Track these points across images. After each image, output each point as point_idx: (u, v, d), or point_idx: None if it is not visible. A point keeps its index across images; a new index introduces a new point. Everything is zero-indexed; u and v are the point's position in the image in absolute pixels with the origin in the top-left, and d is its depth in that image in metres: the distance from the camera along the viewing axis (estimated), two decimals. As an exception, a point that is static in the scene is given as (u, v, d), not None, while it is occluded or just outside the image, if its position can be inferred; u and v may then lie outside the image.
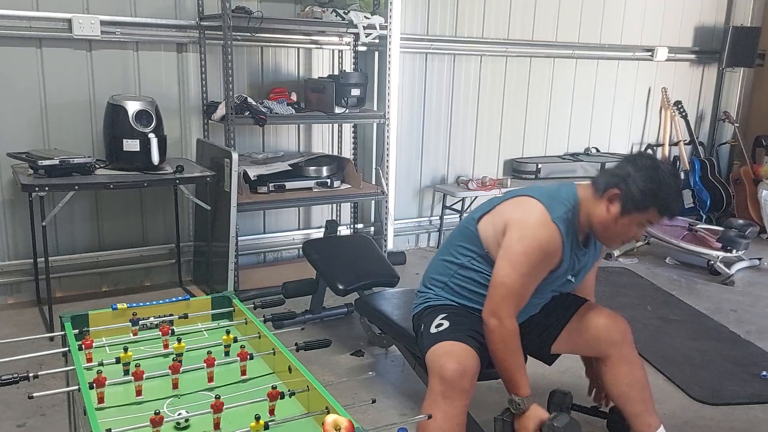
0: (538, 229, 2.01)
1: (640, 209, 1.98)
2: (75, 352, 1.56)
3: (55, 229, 3.67)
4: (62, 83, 3.55)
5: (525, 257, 2.00)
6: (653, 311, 3.83)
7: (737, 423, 2.69)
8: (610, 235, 2.08)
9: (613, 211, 2.00)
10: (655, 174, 1.96)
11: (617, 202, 1.99)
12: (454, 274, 2.22)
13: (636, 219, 2.00)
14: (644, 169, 1.98)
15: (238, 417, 1.36)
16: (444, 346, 2.05)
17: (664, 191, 1.96)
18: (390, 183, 4.23)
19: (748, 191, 5.69)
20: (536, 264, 2.01)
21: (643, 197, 1.96)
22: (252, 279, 3.97)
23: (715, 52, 5.92)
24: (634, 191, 1.96)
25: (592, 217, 2.06)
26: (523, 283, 2.02)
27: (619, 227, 2.02)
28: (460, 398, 1.97)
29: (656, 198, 1.96)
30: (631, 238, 2.11)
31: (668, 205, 1.99)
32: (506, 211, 2.11)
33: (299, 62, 4.20)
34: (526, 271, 2.00)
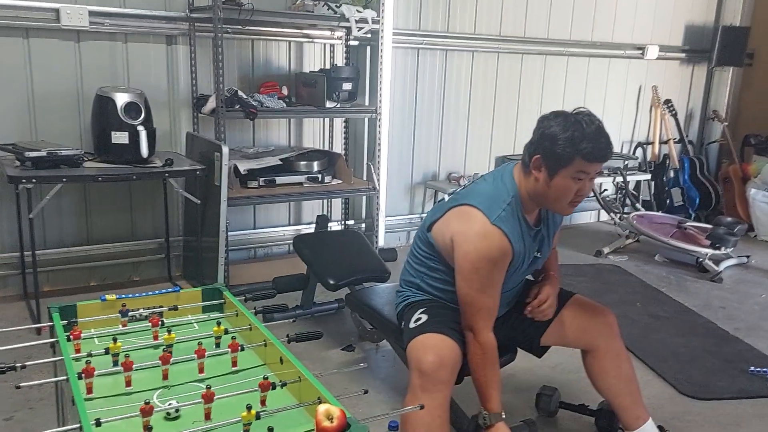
0: (480, 241, 1.98)
1: (565, 164, 1.92)
2: (63, 343, 1.54)
3: (43, 222, 3.63)
4: (50, 74, 3.51)
5: (475, 273, 2.00)
6: (643, 308, 3.85)
7: (725, 417, 2.71)
8: (552, 202, 2.02)
9: (542, 177, 1.97)
10: (566, 123, 1.92)
11: (543, 166, 1.96)
12: (424, 276, 2.24)
13: (567, 174, 1.93)
14: (556, 123, 1.93)
15: (229, 407, 1.35)
16: (422, 339, 2.06)
17: (580, 137, 1.89)
18: (381, 179, 4.22)
19: (736, 189, 5.72)
20: (488, 274, 2.00)
21: (564, 149, 1.90)
22: (242, 274, 3.95)
23: (705, 51, 5.95)
24: (553, 148, 1.91)
25: (531, 192, 2.03)
26: (484, 296, 2.03)
27: (556, 190, 1.97)
28: (439, 390, 1.97)
29: (577, 147, 1.90)
30: (574, 195, 2.00)
31: (591, 149, 1.90)
32: (451, 223, 2.08)
33: (290, 56, 4.18)
34: (481, 284, 2.01)
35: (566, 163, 1.92)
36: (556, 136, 1.91)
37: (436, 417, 1.95)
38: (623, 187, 5.43)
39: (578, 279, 4.27)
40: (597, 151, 1.92)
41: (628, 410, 2.32)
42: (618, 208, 5.30)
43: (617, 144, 5.82)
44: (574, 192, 1.97)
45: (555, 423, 2.61)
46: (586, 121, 1.92)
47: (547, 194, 1.99)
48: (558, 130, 1.91)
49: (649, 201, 5.74)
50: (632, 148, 5.89)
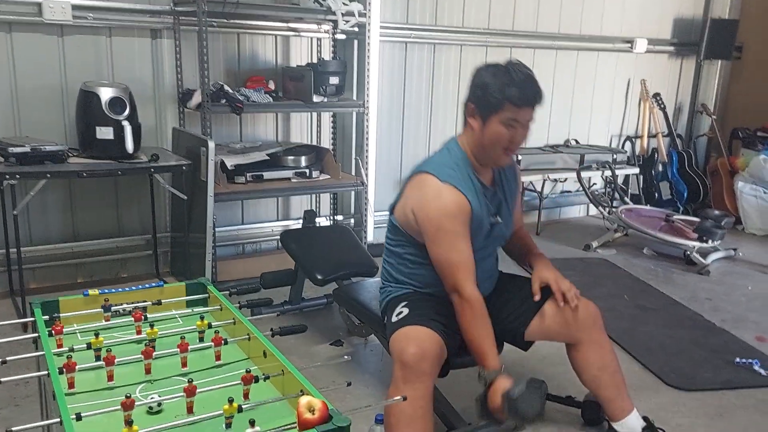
0: (435, 200, 2.06)
1: (496, 109, 2.01)
2: (44, 338, 1.53)
3: (28, 218, 3.60)
4: (33, 69, 3.48)
5: (439, 232, 2.06)
6: (630, 300, 3.86)
7: (710, 408, 2.72)
8: (487, 149, 2.09)
9: (477, 125, 2.07)
10: (498, 71, 2.01)
11: (477, 114, 2.06)
12: (397, 265, 2.29)
13: (498, 120, 2.02)
14: (487, 72, 2.03)
15: (211, 401, 1.34)
16: (404, 331, 2.07)
17: (509, 81, 1.98)
18: (370, 174, 4.21)
19: (724, 183, 5.75)
20: (452, 229, 2.05)
21: (493, 95, 1.99)
22: (230, 270, 3.93)
23: (694, 44, 5.97)
24: (483, 96, 2.01)
25: (471, 146, 2.13)
26: (456, 252, 2.06)
27: (489, 136, 2.05)
28: (421, 381, 1.98)
29: (504, 91, 1.98)
30: (507, 143, 2.07)
31: (519, 95, 1.99)
32: (409, 196, 2.16)
33: (277, 50, 4.16)
34: (448, 242, 2.06)
35: (497, 108, 2.01)
36: (486, 84, 2.01)
37: (417, 408, 1.96)
38: (612, 181, 5.45)
39: (567, 273, 4.21)
40: (525, 96, 2.00)
41: (612, 402, 2.33)
42: (607, 202, 5.31)
43: (606, 137, 5.84)
44: (507, 139, 2.05)
45: (542, 415, 2.61)
46: (515, 70, 2.01)
47: (482, 142, 2.08)
48: (489, 78, 2.02)
49: (638, 195, 5.76)
50: (621, 141, 5.90)
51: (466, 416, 2.45)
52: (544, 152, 5.23)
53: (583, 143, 5.62)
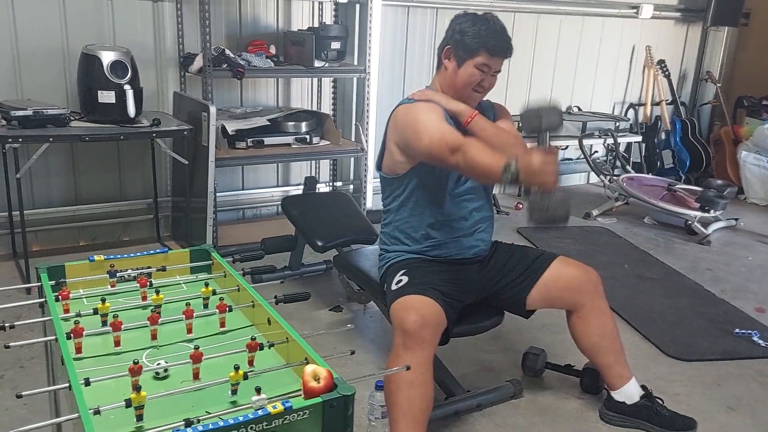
0: (408, 109, 2.20)
1: (472, 54, 2.16)
2: (52, 303, 1.54)
3: (31, 182, 3.60)
4: (35, 32, 3.44)
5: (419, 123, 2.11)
6: (630, 269, 3.88)
7: (708, 378, 2.76)
8: (459, 89, 2.22)
9: (451, 66, 2.21)
10: (476, 20, 2.16)
11: (453, 56, 2.20)
12: (393, 222, 2.34)
13: (471, 63, 2.17)
14: (466, 20, 2.18)
15: (217, 368, 1.36)
16: (404, 300, 2.10)
17: (486, 31, 2.14)
18: (370, 140, 4.19)
19: (727, 152, 5.73)
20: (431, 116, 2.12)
21: (471, 41, 2.14)
22: (231, 235, 3.95)
23: (701, 10, 5.89)
24: (461, 40, 2.16)
25: (443, 85, 2.26)
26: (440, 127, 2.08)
27: (462, 77, 2.19)
28: (421, 349, 2.01)
29: (482, 39, 2.14)
30: (477, 85, 2.20)
31: (494, 45, 2.15)
32: (390, 135, 2.29)
33: (278, 14, 4.10)
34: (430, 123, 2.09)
35: (473, 53, 2.16)
36: (465, 30, 2.16)
37: (418, 374, 1.99)
38: (614, 149, 5.43)
39: (567, 241, 4.30)
40: (500, 45, 2.16)
41: (611, 369, 2.36)
42: (608, 170, 5.30)
43: (609, 105, 5.80)
44: (478, 81, 2.20)
45: (541, 383, 2.65)
46: (492, 21, 2.18)
47: (454, 81, 2.21)
48: (467, 26, 2.16)
49: (640, 163, 5.74)
50: (624, 109, 5.87)
51: (465, 384, 2.49)
52: (547, 120, 5.19)
53: (586, 110, 5.59)
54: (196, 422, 1.12)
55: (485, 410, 2.43)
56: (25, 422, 1.12)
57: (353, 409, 1.20)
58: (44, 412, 1.92)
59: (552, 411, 2.48)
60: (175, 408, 1.24)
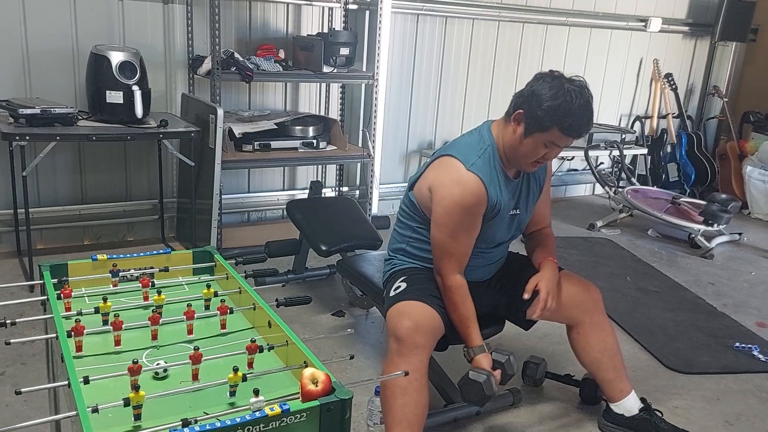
0: (453, 186, 2.04)
1: (543, 129, 1.97)
2: (53, 301, 1.55)
3: (37, 180, 3.62)
4: (45, 31, 3.47)
5: (447, 218, 2.06)
6: (633, 282, 3.87)
7: (707, 392, 2.75)
8: (519, 157, 2.07)
9: (518, 131, 2.02)
10: (559, 92, 1.93)
11: (522, 123, 2.01)
12: (409, 240, 2.28)
13: (540, 139, 1.99)
14: (548, 87, 1.95)
15: (216, 369, 1.36)
16: (399, 306, 2.09)
17: (566, 109, 1.93)
18: (376, 146, 4.20)
19: (732, 167, 5.73)
20: (460, 221, 2.06)
21: (545, 116, 1.94)
22: (235, 237, 3.96)
23: (709, 25, 5.89)
24: (536, 110, 1.95)
25: (505, 142, 2.09)
26: (454, 241, 2.08)
27: (525, 147, 2.03)
28: (414, 355, 2.00)
29: (558, 117, 1.94)
30: (540, 158, 2.08)
31: (570, 125, 1.96)
32: (429, 175, 2.15)
33: (288, 19, 4.13)
34: (452, 230, 2.06)
35: (543, 129, 1.97)
36: (542, 100, 1.95)
37: (412, 380, 1.98)
38: (619, 161, 5.42)
39: (570, 252, 4.30)
40: (576, 128, 1.98)
41: (611, 383, 2.36)
42: (613, 181, 5.30)
43: (615, 117, 5.80)
44: (541, 156, 2.05)
45: (540, 392, 2.65)
46: (576, 94, 1.94)
47: (516, 147, 2.06)
48: (547, 95, 1.94)
49: (645, 175, 5.74)
50: (630, 121, 5.87)
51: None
52: (553, 130, 5.20)
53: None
54: (193, 422, 1.12)
55: (484, 418, 2.43)
56: (25, 419, 1.13)
57: (350, 413, 1.21)
58: (44, 409, 1.93)
59: (551, 420, 2.48)
60: (173, 408, 1.24)
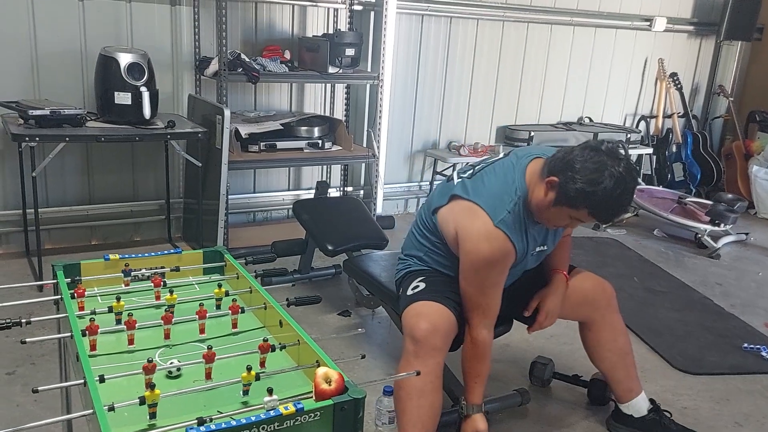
0: (482, 242, 1.96)
1: (573, 207, 1.88)
2: (67, 300, 1.56)
3: (45, 180, 3.63)
4: (54, 33, 3.49)
5: (475, 273, 2.02)
6: (640, 282, 3.87)
7: (716, 393, 2.75)
8: (543, 218, 2.00)
9: (549, 197, 1.91)
10: (599, 176, 1.80)
11: (552, 191, 1.90)
12: (428, 250, 2.23)
13: (566, 212, 1.91)
14: (590, 167, 1.82)
15: (229, 368, 1.37)
16: (417, 306, 2.08)
17: (600, 197, 1.81)
18: (381, 146, 4.21)
19: (738, 166, 5.72)
20: (487, 275, 2.02)
21: (577, 196, 1.84)
22: (241, 237, 3.97)
23: (714, 24, 5.88)
24: (570, 187, 1.84)
25: (535, 198, 1.98)
26: (482, 296, 2.05)
27: (551, 214, 1.96)
28: (431, 357, 1.99)
29: (590, 201, 1.84)
30: (562, 226, 2.06)
31: (600, 212, 1.88)
32: (456, 215, 2.06)
33: (293, 20, 4.14)
34: (479, 284, 2.03)
35: (573, 206, 1.88)
36: (580, 180, 1.82)
37: (428, 382, 1.98)
38: (625, 161, 5.41)
39: (576, 252, 4.29)
40: (605, 218, 1.94)
41: (621, 383, 2.36)
42: (619, 181, 5.28)
43: (620, 116, 5.80)
44: (565, 225, 2.04)
45: (548, 393, 2.65)
46: (617, 181, 1.80)
47: (542, 209, 1.96)
48: (586, 173, 1.82)
49: (650, 175, 5.73)
50: (635, 121, 5.86)
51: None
52: (557, 129, 5.20)
53: (597, 121, 5.59)
54: (208, 421, 1.13)
55: (492, 419, 2.43)
56: (36, 418, 1.13)
57: (363, 413, 1.21)
58: (55, 409, 1.94)
59: (559, 421, 2.48)
60: (187, 407, 1.25)
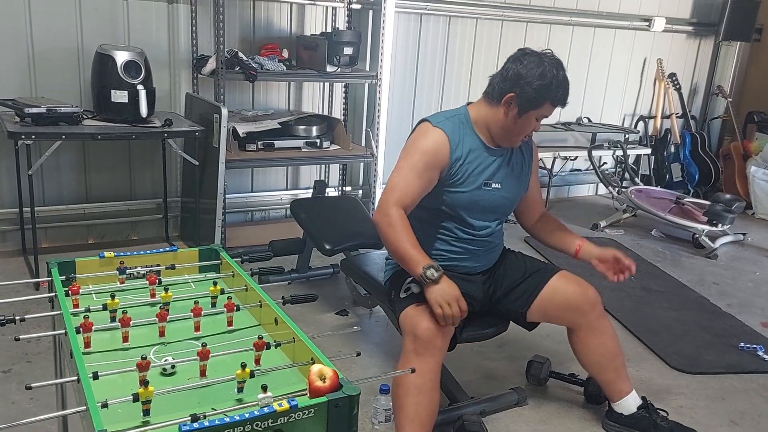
0: (418, 138, 2.16)
1: (536, 106, 2.09)
2: (62, 297, 1.55)
3: (42, 179, 3.63)
4: (50, 30, 3.48)
5: (405, 160, 2.14)
6: (636, 282, 3.87)
7: (712, 391, 2.75)
8: (512, 135, 2.18)
9: (511, 113, 2.11)
10: (544, 70, 2.05)
11: (514, 105, 2.09)
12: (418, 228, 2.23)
13: (533, 115, 2.11)
14: (533, 67, 2.06)
15: (224, 365, 1.37)
16: (416, 307, 2.08)
17: (554, 84, 2.06)
18: (380, 146, 4.21)
19: (736, 167, 5.72)
20: (413, 160, 2.11)
21: (537, 95, 2.06)
22: (239, 237, 3.97)
23: (713, 24, 5.89)
24: (528, 91, 2.06)
25: (492, 122, 2.16)
26: (401, 178, 2.11)
27: (519, 126, 2.14)
28: (432, 355, 2.02)
29: (549, 92, 2.07)
30: (531, 132, 2.21)
31: (559, 97, 2.10)
32: None
33: (292, 18, 4.13)
34: (405, 169, 2.11)
35: (537, 105, 2.09)
36: (532, 81, 2.05)
37: (428, 380, 2.00)
38: (623, 161, 5.42)
39: (574, 251, 4.29)
40: (564, 98, 2.12)
41: (611, 384, 2.36)
42: (617, 181, 5.30)
43: (619, 117, 5.81)
44: (532, 129, 2.18)
45: (545, 391, 2.65)
46: (557, 67, 2.08)
47: (510, 128, 2.14)
48: (536, 74, 2.05)
49: (648, 175, 5.74)
50: (634, 121, 5.87)
51: (469, 390, 2.49)
52: (556, 130, 5.20)
53: (596, 122, 5.59)
54: (202, 418, 1.13)
55: (488, 417, 2.43)
56: (31, 416, 1.13)
57: (358, 410, 1.21)
58: (50, 407, 1.94)
59: (555, 419, 2.48)
60: (181, 404, 1.25)
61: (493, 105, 2.14)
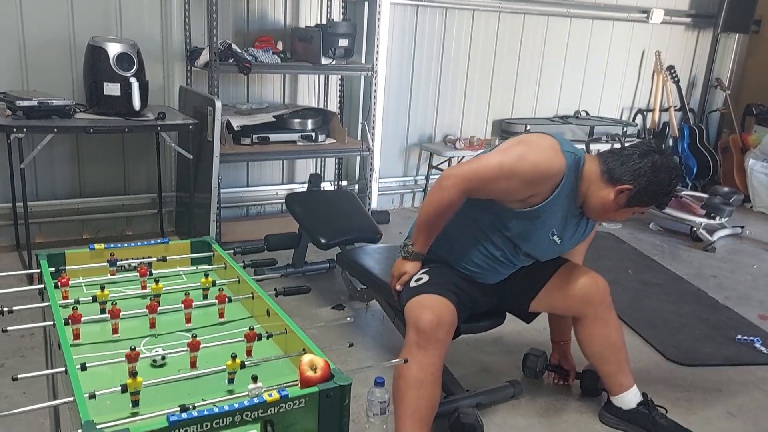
0: (544, 150, 2.01)
1: (642, 205, 2.11)
2: (50, 289, 1.53)
3: (35, 173, 3.60)
4: (42, 23, 3.45)
5: (507, 156, 2.01)
6: (634, 275, 3.86)
7: (709, 383, 2.74)
8: (604, 215, 2.15)
9: (619, 201, 2.08)
10: (667, 177, 2.06)
11: (625, 197, 2.07)
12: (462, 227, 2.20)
13: (635, 210, 2.13)
14: (658, 170, 2.05)
15: (214, 357, 1.35)
16: (422, 299, 2.08)
17: (666, 191, 2.09)
18: (376, 139, 4.19)
19: (735, 160, 5.70)
20: (521, 171, 1.97)
21: (650, 198, 2.09)
22: (234, 232, 3.94)
23: (711, 16, 5.86)
24: (644, 191, 2.06)
25: (593, 195, 2.09)
26: (491, 170, 2.00)
27: (618, 213, 2.13)
28: (434, 348, 2.00)
29: (659, 198, 2.11)
30: (620, 219, 2.24)
31: (665, 203, 2.25)
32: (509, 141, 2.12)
33: (286, 10, 4.10)
34: (506, 165, 1.98)
35: (643, 205, 2.12)
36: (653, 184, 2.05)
37: (429, 374, 1.99)
38: (620, 154, 5.39)
39: (571, 244, 4.27)
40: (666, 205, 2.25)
41: (612, 377, 2.35)
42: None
43: (617, 110, 5.78)
44: (624, 218, 2.22)
45: (541, 384, 2.64)
46: (674, 173, 2.09)
47: (608, 210, 2.11)
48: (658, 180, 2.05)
49: (646, 169, 5.71)
50: (632, 114, 5.84)
51: (465, 384, 2.47)
52: (554, 123, 5.18)
53: (594, 115, 5.56)
54: (191, 408, 1.11)
55: (484, 410, 2.41)
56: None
57: (350, 400, 1.19)
58: (43, 400, 1.91)
59: (551, 412, 2.46)
60: (171, 395, 1.23)
61: (603, 181, 2.08)
